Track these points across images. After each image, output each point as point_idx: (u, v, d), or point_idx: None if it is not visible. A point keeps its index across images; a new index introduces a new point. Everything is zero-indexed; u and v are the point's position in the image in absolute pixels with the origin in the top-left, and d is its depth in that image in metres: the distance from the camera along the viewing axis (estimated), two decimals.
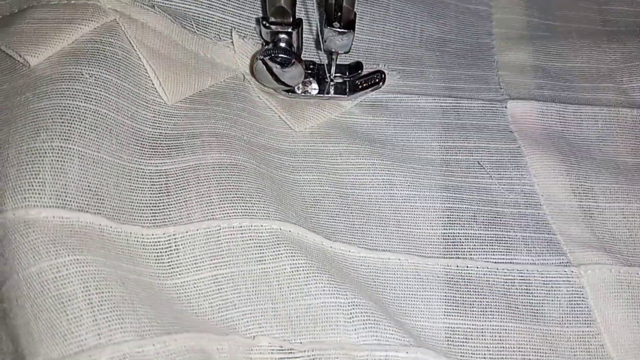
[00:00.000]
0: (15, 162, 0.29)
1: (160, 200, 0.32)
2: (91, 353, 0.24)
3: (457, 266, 0.34)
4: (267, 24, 0.37)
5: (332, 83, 0.40)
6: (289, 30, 0.37)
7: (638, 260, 0.36)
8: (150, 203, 0.32)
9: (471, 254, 0.35)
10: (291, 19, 0.36)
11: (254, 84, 0.40)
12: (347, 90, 0.40)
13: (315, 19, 0.38)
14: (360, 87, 0.40)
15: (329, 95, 0.40)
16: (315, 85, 0.40)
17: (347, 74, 0.41)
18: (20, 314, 0.26)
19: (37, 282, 0.26)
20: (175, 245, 0.31)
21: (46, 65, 0.33)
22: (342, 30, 0.36)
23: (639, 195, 0.38)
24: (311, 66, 0.40)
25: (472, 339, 0.32)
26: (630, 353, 0.33)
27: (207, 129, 0.36)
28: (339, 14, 0.36)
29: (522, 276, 0.34)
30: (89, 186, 0.30)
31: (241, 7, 0.40)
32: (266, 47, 0.37)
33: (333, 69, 0.39)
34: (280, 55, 0.36)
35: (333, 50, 0.38)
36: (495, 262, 0.35)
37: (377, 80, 0.40)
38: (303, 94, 0.40)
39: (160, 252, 0.31)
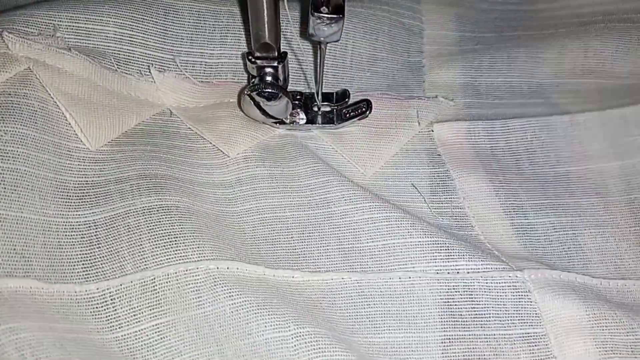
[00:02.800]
0: None
1: (91, 253, 0.33)
2: None
3: (399, 278, 0.35)
4: (253, 59, 0.37)
5: (319, 112, 0.41)
6: (275, 64, 0.37)
7: (574, 269, 0.37)
8: (81, 258, 0.33)
9: (413, 265, 0.35)
10: (276, 53, 0.36)
11: (182, 118, 0.39)
12: (335, 119, 0.41)
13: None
14: (347, 115, 0.40)
15: (317, 125, 0.41)
16: (302, 116, 0.41)
17: (334, 102, 0.41)
18: None
19: None
20: (112, 300, 0.32)
21: None
22: (332, 16, 0.33)
23: (567, 209, 0.39)
24: (298, 97, 0.40)
25: (417, 350, 0.34)
26: (575, 351, 0.34)
27: (135, 172, 0.36)
28: None
29: (465, 284, 0.35)
30: (14, 249, 0.30)
31: (162, 41, 0.39)
32: (253, 81, 0.37)
33: (323, 62, 0.37)
34: (266, 90, 0.37)
35: (322, 39, 0.35)
36: (436, 272, 0.35)
37: (363, 109, 0.40)
38: (291, 124, 0.40)
39: (96, 307, 0.31)
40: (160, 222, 0.34)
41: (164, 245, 0.33)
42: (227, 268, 0.33)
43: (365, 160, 0.40)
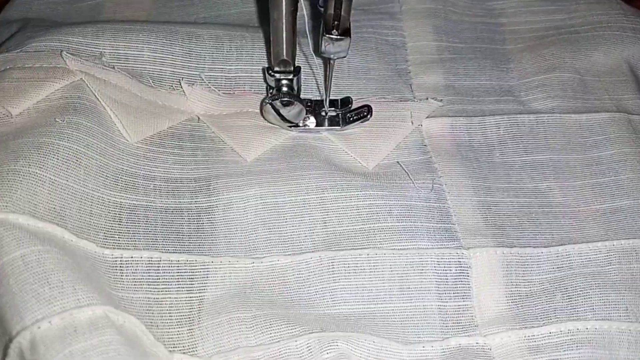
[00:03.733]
0: None
1: (112, 227, 0.39)
2: (72, 312, 0.30)
3: (367, 255, 0.40)
4: (272, 73, 0.44)
5: (326, 116, 0.47)
6: (291, 77, 0.44)
7: (520, 242, 0.42)
8: (104, 227, 0.38)
9: (381, 244, 0.41)
10: (292, 68, 0.44)
11: (208, 123, 0.46)
12: (340, 122, 0.47)
13: (307, 28, 0.42)
14: (351, 119, 0.47)
15: (325, 127, 0.47)
16: (312, 119, 0.47)
17: (339, 107, 0.47)
18: (5, 292, 0.30)
19: (21, 263, 0.31)
20: (120, 266, 0.37)
21: (25, 116, 0.40)
22: (340, 37, 0.40)
23: (526, 191, 0.45)
24: (308, 104, 0.47)
25: (362, 321, 0.38)
26: (493, 320, 0.39)
27: (160, 174, 0.43)
28: (337, 22, 0.39)
29: (421, 258, 0.40)
30: (54, 208, 0.36)
31: (188, 61, 0.47)
32: (271, 92, 0.45)
33: (331, 76, 0.44)
34: (284, 99, 0.44)
35: (331, 56, 0.42)
36: (400, 249, 0.41)
37: (365, 113, 0.47)
38: (303, 127, 0.47)
39: (108, 269, 0.37)
40: (172, 220, 0.41)
41: (172, 239, 0.40)
42: (220, 262, 0.39)
43: (367, 156, 0.46)
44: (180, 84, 0.46)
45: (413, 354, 0.37)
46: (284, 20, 0.40)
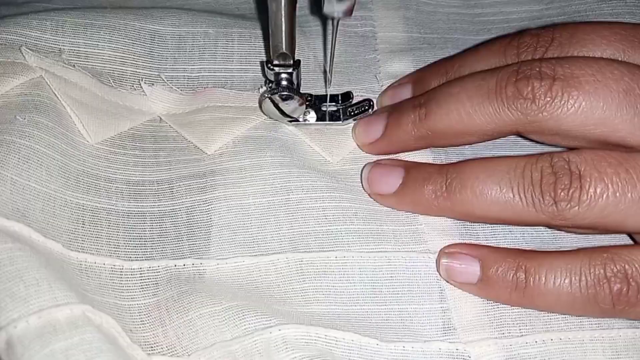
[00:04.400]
0: None
1: (75, 229, 0.38)
2: (50, 311, 0.29)
3: (336, 257, 0.40)
4: (271, 66, 0.43)
5: (327, 111, 0.46)
6: (290, 70, 0.43)
7: (492, 242, 0.41)
8: (68, 230, 0.38)
9: (350, 246, 0.40)
10: (291, 61, 0.43)
11: (170, 122, 0.45)
12: (341, 116, 0.46)
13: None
14: (352, 113, 0.46)
15: (325, 122, 0.46)
16: (313, 114, 0.46)
17: (340, 102, 0.46)
18: None
19: None
20: (85, 270, 0.37)
21: None
22: None
23: None
24: (309, 98, 0.46)
25: (336, 322, 0.37)
26: (471, 324, 0.38)
27: (121, 176, 0.42)
28: None
29: (389, 262, 0.40)
30: (17, 208, 0.35)
31: (150, 61, 0.46)
32: (271, 86, 0.44)
33: (335, 39, 0.41)
34: (283, 93, 0.43)
35: (335, 15, 0.36)
36: (367, 252, 0.40)
37: (366, 107, 0.46)
38: (303, 122, 0.46)
39: (75, 271, 0.36)
40: (135, 225, 0.40)
41: (134, 245, 0.39)
42: (184, 265, 0.39)
43: (331, 149, 0.45)
44: (140, 85, 0.45)
45: (393, 353, 0.37)
46: (282, 12, 0.39)
